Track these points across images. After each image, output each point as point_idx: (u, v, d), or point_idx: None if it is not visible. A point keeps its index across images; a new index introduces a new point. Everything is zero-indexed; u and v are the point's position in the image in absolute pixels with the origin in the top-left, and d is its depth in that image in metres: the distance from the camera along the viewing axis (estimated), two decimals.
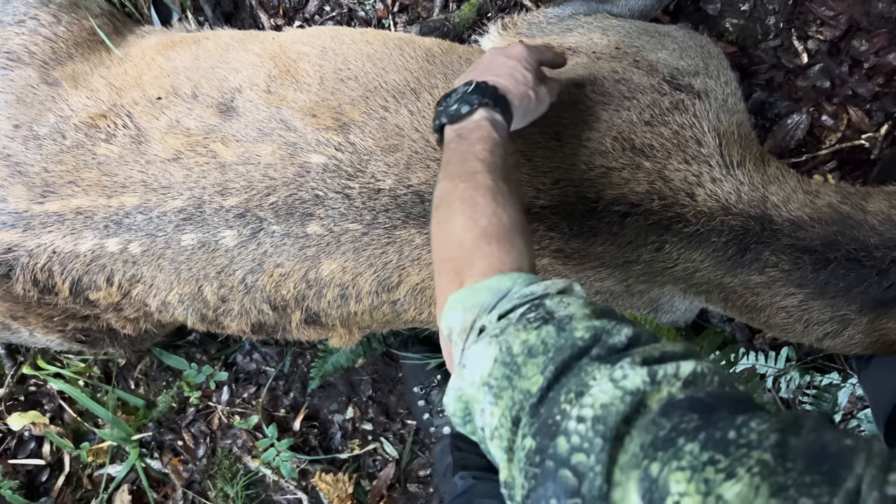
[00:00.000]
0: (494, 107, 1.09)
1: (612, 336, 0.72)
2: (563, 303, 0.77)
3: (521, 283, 0.81)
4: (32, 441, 2.10)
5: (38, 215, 1.39)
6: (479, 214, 0.92)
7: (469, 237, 0.90)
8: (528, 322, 0.75)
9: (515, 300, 0.79)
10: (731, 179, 1.33)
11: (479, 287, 0.83)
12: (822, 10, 1.75)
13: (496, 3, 1.89)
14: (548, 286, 0.80)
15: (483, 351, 0.75)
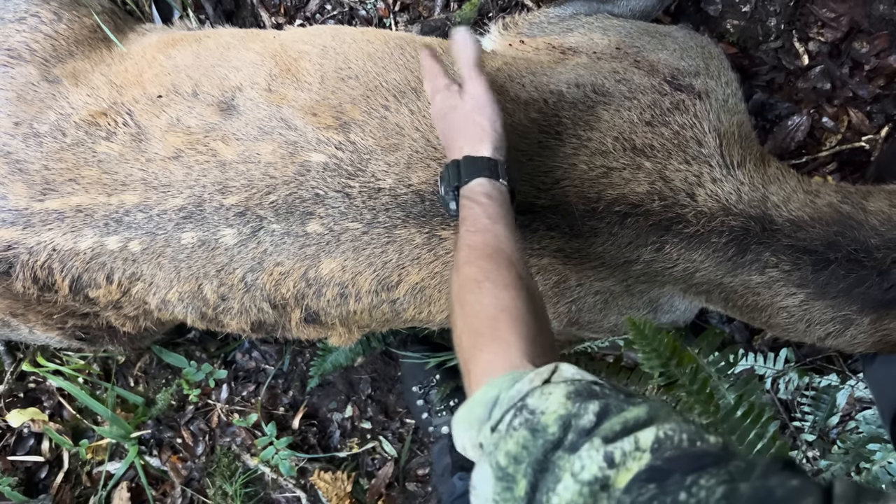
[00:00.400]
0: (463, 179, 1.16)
1: (581, 418, 0.73)
2: (544, 395, 0.78)
3: (506, 386, 0.83)
4: (31, 438, 2.09)
5: (39, 213, 1.39)
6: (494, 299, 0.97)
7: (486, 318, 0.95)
8: (512, 430, 0.77)
9: (504, 406, 0.80)
10: (731, 180, 1.33)
11: (473, 403, 0.86)
12: (824, 12, 1.75)
13: (497, 2, 1.89)
14: (532, 379, 0.81)
15: (482, 473, 0.77)
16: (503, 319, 0.94)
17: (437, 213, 1.31)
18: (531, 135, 1.33)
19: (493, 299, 0.96)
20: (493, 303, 0.96)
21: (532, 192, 1.30)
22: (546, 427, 0.73)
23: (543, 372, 0.82)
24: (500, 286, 0.98)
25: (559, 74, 1.41)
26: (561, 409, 0.74)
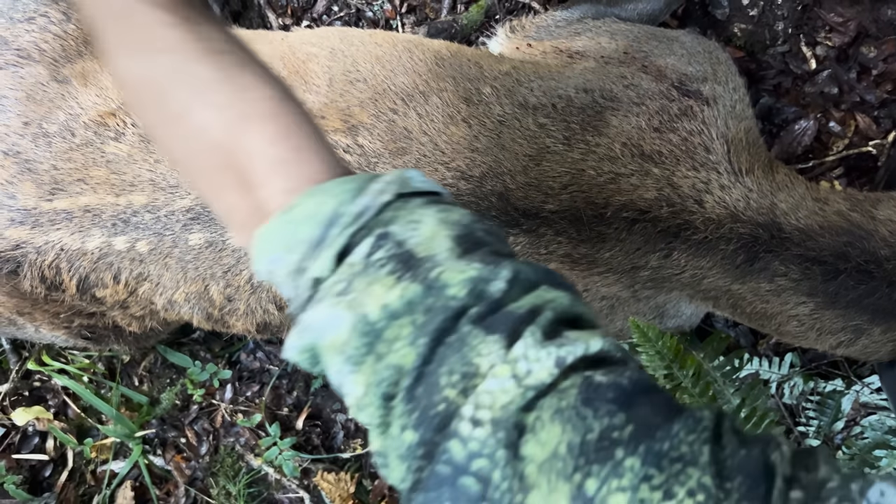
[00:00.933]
0: None
1: (489, 284, 0.59)
2: (410, 224, 0.62)
3: (347, 197, 0.63)
4: (36, 436, 2.10)
5: (47, 212, 1.40)
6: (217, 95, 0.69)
7: (226, 133, 0.67)
8: (377, 269, 0.60)
9: (349, 227, 0.62)
10: (739, 186, 1.33)
11: (293, 217, 0.64)
12: (831, 17, 1.75)
13: (504, 4, 1.89)
14: (380, 192, 0.64)
15: (330, 317, 0.61)
16: (285, 100, 0.70)
17: None
18: (539, 140, 1.33)
19: (252, 74, 0.70)
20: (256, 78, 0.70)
21: (540, 197, 1.30)
22: (446, 288, 0.59)
23: (391, 179, 0.65)
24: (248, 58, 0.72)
25: (567, 79, 1.41)
26: (463, 270, 0.60)
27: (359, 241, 0.62)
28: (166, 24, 0.69)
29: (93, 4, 0.73)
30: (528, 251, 1.31)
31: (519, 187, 1.30)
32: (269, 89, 0.69)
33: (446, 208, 0.65)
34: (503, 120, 1.35)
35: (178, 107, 0.69)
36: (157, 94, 0.71)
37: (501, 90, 1.39)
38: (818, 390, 1.90)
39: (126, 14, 0.70)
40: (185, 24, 0.69)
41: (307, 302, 0.63)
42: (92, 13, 0.73)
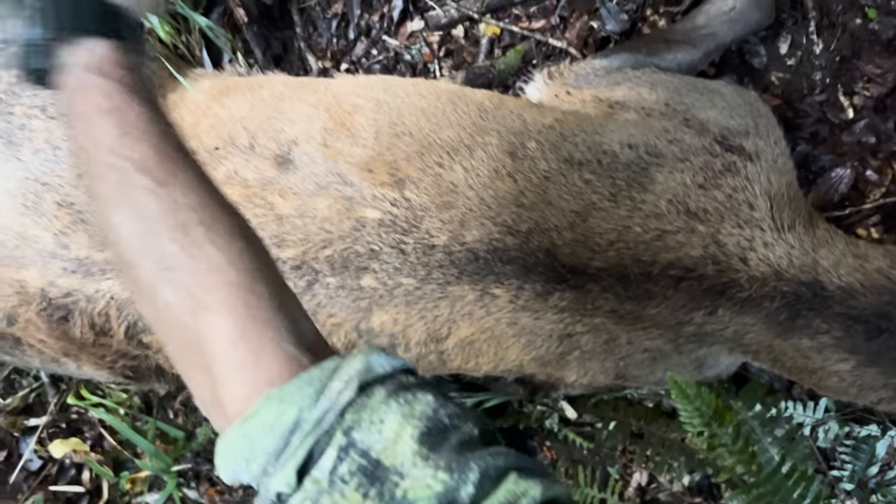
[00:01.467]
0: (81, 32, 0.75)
1: (460, 492, 0.57)
2: (373, 425, 0.60)
3: (307, 402, 0.61)
4: (73, 468, 2.14)
5: (98, 262, 1.42)
6: (181, 277, 0.68)
7: (191, 320, 0.67)
8: (344, 485, 0.58)
9: (311, 436, 0.60)
10: (782, 244, 1.34)
11: (251, 430, 0.62)
12: (869, 68, 1.77)
13: (541, 49, 1.91)
14: (341, 390, 0.61)
15: None
16: (247, 286, 0.67)
17: (491, 271, 1.33)
18: (585, 196, 1.35)
19: (219, 253, 0.68)
20: (221, 258, 0.68)
21: (587, 254, 1.31)
22: (409, 494, 0.57)
23: (353, 374, 0.62)
24: (219, 231, 0.70)
25: (611, 133, 1.43)
26: (428, 477, 0.58)
27: (321, 450, 0.59)
28: (143, 188, 0.70)
29: (81, 146, 0.75)
30: (574, 307, 1.32)
31: (566, 243, 1.32)
32: (231, 271, 0.67)
33: (409, 399, 0.62)
34: (549, 175, 1.37)
35: (148, 280, 0.69)
36: (127, 263, 0.71)
37: (546, 144, 1.41)
38: (853, 435, 1.90)
39: (108, 167, 0.71)
40: (160, 189, 0.69)
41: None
42: (79, 152, 0.75)
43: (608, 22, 1.86)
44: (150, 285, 0.69)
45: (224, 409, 0.65)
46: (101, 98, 0.73)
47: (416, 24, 1.94)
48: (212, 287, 0.67)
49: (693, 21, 1.74)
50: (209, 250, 0.68)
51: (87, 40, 0.75)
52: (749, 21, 1.72)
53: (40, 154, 1.47)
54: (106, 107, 0.72)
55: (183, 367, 0.71)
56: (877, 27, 1.77)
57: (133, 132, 0.71)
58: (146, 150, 0.71)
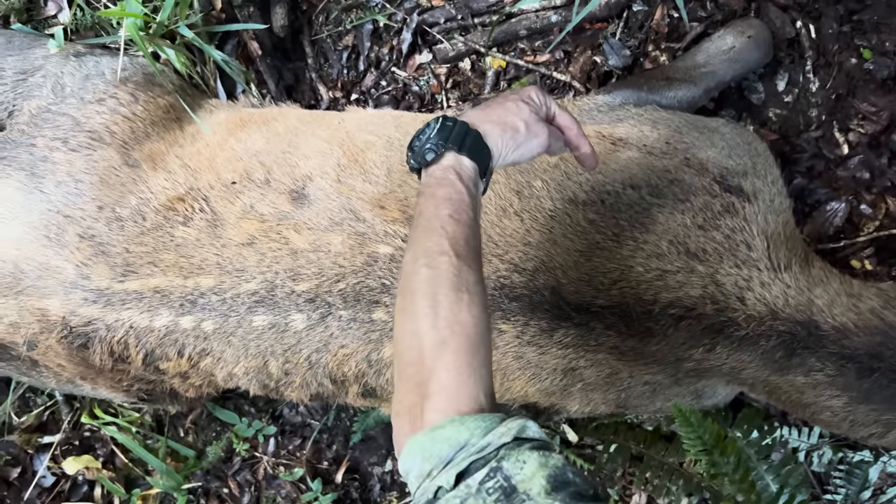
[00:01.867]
0: (460, 150, 1.06)
1: None
2: (518, 463, 0.79)
3: (478, 433, 0.83)
4: (85, 485, 2.17)
5: (118, 293, 1.47)
6: (440, 320, 0.91)
7: (429, 349, 0.90)
8: (487, 495, 0.78)
9: (472, 455, 0.81)
10: (778, 283, 1.39)
11: (437, 436, 0.84)
12: (864, 106, 1.82)
13: (546, 83, 1.97)
14: (502, 435, 0.82)
15: None
16: (476, 344, 0.92)
17: (498, 307, 1.38)
18: (590, 236, 1.40)
19: (471, 316, 0.93)
20: (470, 320, 0.93)
21: (591, 293, 1.36)
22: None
23: (513, 427, 0.83)
24: (477, 304, 0.95)
25: (614, 173, 1.48)
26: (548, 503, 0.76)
27: (477, 467, 0.80)
28: (446, 253, 0.97)
29: (423, 210, 1.03)
30: (578, 343, 1.38)
31: (571, 282, 1.37)
32: (473, 330, 0.92)
33: (546, 455, 0.82)
34: (554, 215, 1.42)
35: (415, 308, 0.94)
36: (410, 291, 0.96)
37: (551, 184, 1.46)
38: (846, 460, 1.95)
39: (433, 230, 0.99)
40: (456, 260, 0.96)
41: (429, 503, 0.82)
42: (419, 212, 1.03)
43: (611, 57, 1.91)
44: (416, 313, 0.94)
45: (419, 417, 0.87)
46: (451, 190, 1.03)
47: (425, 56, 1.99)
48: (456, 333, 0.91)
49: (693, 59, 1.79)
50: (465, 312, 0.93)
51: (462, 156, 1.07)
52: (748, 60, 1.77)
53: (62, 187, 1.51)
54: (452, 197, 1.02)
55: (399, 377, 0.94)
56: (871, 67, 1.82)
57: (459, 219, 1.00)
58: (459, 232, 0.99)
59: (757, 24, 1.80)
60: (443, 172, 1.05)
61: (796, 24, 1.85)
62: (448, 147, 1.06)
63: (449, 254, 0.96)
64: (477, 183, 1.08)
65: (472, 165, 1.07)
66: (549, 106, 1.20)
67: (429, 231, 0.99)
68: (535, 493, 0.77)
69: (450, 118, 1.10)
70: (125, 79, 1.66)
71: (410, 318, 0.95)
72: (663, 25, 1.90)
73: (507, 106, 1.14)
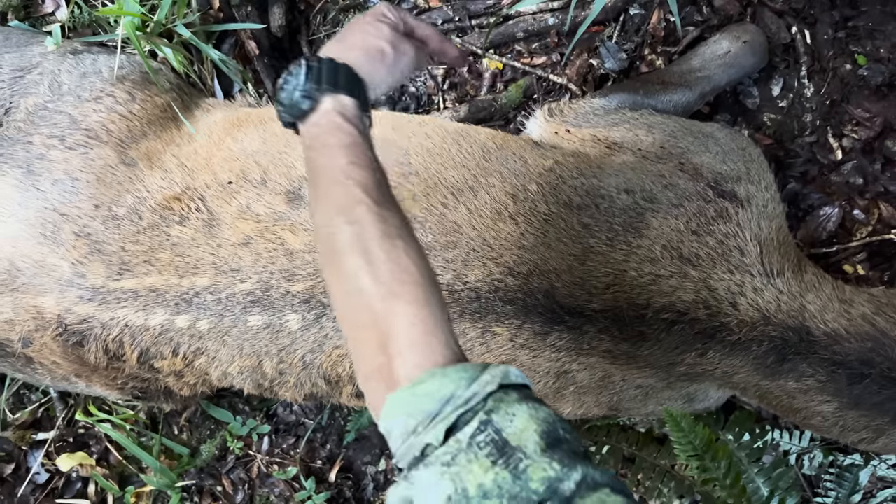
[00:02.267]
0: (336, 89, 0.99)
1: (563, 483, 0.72)
2: (508, 415, 0.76)
3: (462, 384, 0.78)
4: (79, 482, 2.18)
5: (114, 291, 1.47)
6: (382, 273, 0.85)
7: (380, 305, 0.84)
8: (478, 449, 0.73)
9: (460, 408, 0.76)
10: (771, 289, 1.40)
11: (419, 391, 0.79)
12: (858, 112, 1.84)
13: (542, 85, 1.97)
14: (487, 382, 0.78)
15: (435, 483, 0.73)
16: (427, 287, 0.86)
17: (492, 310, 1.39)
18: (584, 240, 1.41)
19: (411, 261, 0.87)
20: (412, 264, 0.87)
21: (584, 296, 1.37)
22: (529, 481, 0.71)
23: (496, 373, 0.79)
24: (413, 247, 0.89)
25: (608, 177, 1.49)
26: (544, 468, 0.72)
27: (466, 421, 0.76)
28: (362, 202, 0.89)
29: (320, 164, 0.96)
30: (571, 346, 1.38)
31: (564, 286, 1.37)
32: (420, 277, 0.86)
33: (536, 406, 0.78)
34: (549, 219, 1.43)
35: (349, 268, 0.87)
36: (336, 252, 0.89)
37: (546, 187, 1.47)
38: (837, 463, 1.96)
39: (339, 182, 0.91)
40: (376, 207, 0.89)
41: (416, 461, 0.77)
42: (316, 168, 0.96)
43: (607, 60, 1.92)
44: (352, 273, 0.87)
45: (391, 375, 0.81)
46: (342, 135, 0.96)
47: None
48: (404, 282, 0.85)
49: (689, 63, 1.80)
50: (405, 258, 0.87)
51: (340, 95, 0.99)
52: (743, 65, 1.78)
53: (59, 185, 1.51)
54: (345, 142, 0.95)
55: (355, 342, 0.88)
56: (866, 73, 1.83)
57: (360, 163, 0.94)
58: (368, 178, 0.92)
59: (752, 29, 1.81)
60: (325, 119, 0.98)
61: (791, 30, 1.87)
62: (322, 90, 0.98)
63: (365, 202, 0.89)
64: (363, 119, 1.01)
65: (353, 102, 1.00)
66: (405, 20, 1.14)
67: (334, 184, 0.92)
68: (532, 451, 0.73)
69: (312, 58, 1.02)
70: (122, 77, 1.66)
71: (346, 280, 0.87)
72: (660, 29, 1.91)
73: (366, 29, 1.08)
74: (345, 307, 0.90)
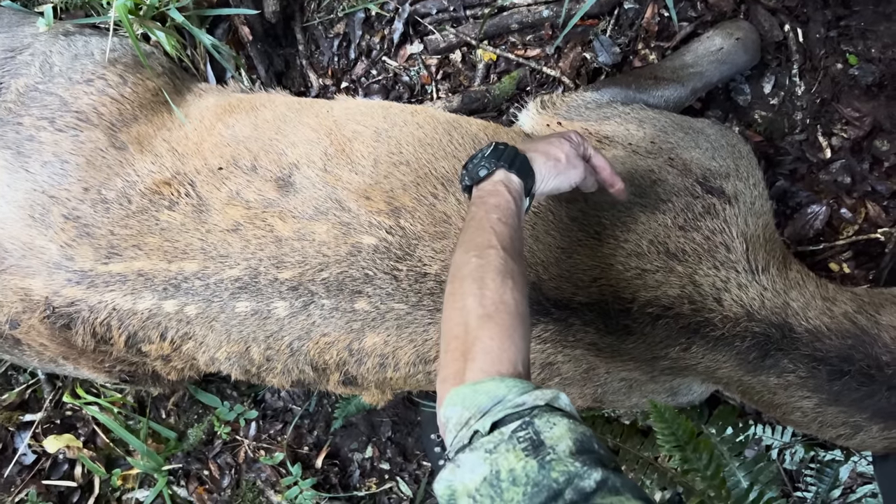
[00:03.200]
0: (510, 168, 1.21)
1: (584, 480, 0.82)
2: (549, 423, 0.88)
3: (515, 391, 0.92)
4: (66, 463, 2.18)
5: (102, 275, 1.47)
6: (486, 299, 1.03)
7: (475, 322, 1.01)
8: (517, 442, 0.86)
9: (509, 409, 0.90)
10: (755, 285, 1.41)
11: (479, 389, 0.93)
12: (848, 111, 1.84)
13: (535, 77, 1.97)
14: (536, 397, 0.91)
15: (476, 464, 0.87)
16: (518, 321, 1.03)
17: None
18: (572, 233, 1.41)
19: (513, 299, 1.04)
20: (513, 301, 1.04)
21: (570, 289, 1.38)
22: (552, 471, 0.82)
23: (548, 394, 0.93)
24: (520, 290, 1.07)
25: None
26: (567, 463, 0.83)
27: (511, 420, 0.89)
28: (494, 247, 1.09)
29: (475, 214, 1.16)
30: (556, 338, 1.39)
31: (551, 278, 1.38)
32: (515, 311, 1.03)
33: (576, 423, 0.90)
34: (537, 211, 1.44)
35: (464, 290, 1.05)
36: (460, 277, 1.08)
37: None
38: (818, 459, 1.99)
39: (483, 229, 1.12)
40: (503, 252, 1.09)
41: (464, 447, 0.91)
42: (472, 216, 1.16)
43: (601, 54, 1.92)
44: (464, 293, 1.05)
45: (462, 377, 0.96)
46: (500, 199, 1.17)
47: (416, 47, 1.99)
48: (500, 311, 1.02)
49: (682, 59, 1.81)
50: (509, 294, 1.04)
51: (511, 173, 1.21)
52: (736, 62, 1.79)
53: (48, 167, 1.51)
54: (500, 204, 1.16)
55: (445, 350, 1.03)
56: (856, 73, 1.84)
57: (505, 221, 1.14)
58: (507, 233, 1.12)
59: (746, 26, 1.81)
60: (493, 186, 1.19)
61: (784, 28, 1.87)
62: (500, 165, 1.21)
63: (496, 247, 1.09)
64: (522, 197, 1.21)
65: (519, 182, 1.21)
66: (585, 147, 1.35)
67: (479, 230, 1.12)
68: (561, 451, 0.84)
69: (502, 143, 1.25)
70: (114, 60, 1.66)
71: (458, 298, 1.05)
72: (653, 24, 1.91)
73: (551, 140, 1.30)
74: (449, 321, 1.06)
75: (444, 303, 1.10)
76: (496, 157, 1.22)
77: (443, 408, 0.96)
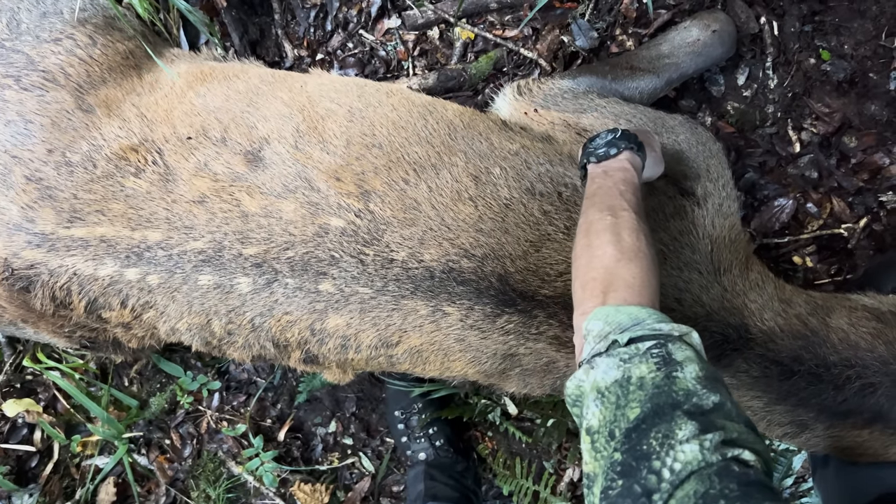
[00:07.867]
0: (637, 151, 1.36)
1: (703, 400, 0.90)
2: (681, 349, 0.97)
3: (654, 318, 1.02)
4: (25, 428, 2.17)
5: (63, 238, 1.45)
6: (625, 246, 1.13)
7: (615, 264, 1.11)
8: (650, 357, 0.96)
9: (647, 330, 1.00)
10: (716, 286, 1.43)
11: (622, 310, 1.04)
12: (819, 106, 1.86)
13: (513, 59, 1.96)
14: (673, 328, 1.00)
15: (610, 368, 0.97)
16: (654, 269, 1.14)
17: (445, 290, 1.39)
18: (542, 227, 1.41)
19: (649, 251, 1.15)
20: (649, 252, 1.15)
21: (537, 282, 1.38)
22: (675, 383, 0.92)
23: (683, 328, 1.02)
24: (653, 247, 1.18)
25: (574, 167, 1.49)
26: (693, 382, 0.92)
27: (646, 338, 0.99)
28: (627, 209, 1.20)
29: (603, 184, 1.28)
30: (519, 330, 1.40)
31: (518, 271, 1.38)
32: (651, 260, 1.14)
33: (704, 359, 0.99)
34: (509, 204, 1.43)
35: (600, 241, 1.16)
36: (593, 232, 1.18)
37: (510, 172, 1.46)
38: (772, 448, 2.03)
39: (614, 195, 1.24)
40: (635, 214, 1.19)
41: (601, 353, 1.00)
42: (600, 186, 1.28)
43: (578, 38, 1.91)
44: (602, 243, 1.15)
45: (605, 302, 1.07)
46: (627, 174, 1.30)
47: (393, 21, 1.97)
48: (638, 256, 1.12)
49: (658, 49, 1.80)
50: (644, 246, 1.14)
51: (635, 154, 1.35)
52: (712, 54, 1.79)
53: (11, 126, 1.48)
54: (627, 178, 1.29)
55: (583, 288, 1.13)
56: (829, 68, 1.85)
57: (632, 191, 1.26)
58: (635, 200, 1.24)
59: (723, 18, 1.81)
60: (620, 163, 1.32)
61: (760, 20, 1.87)
62: (629, 146, 1.35)
63: (629, 210, 1.20)
64: (641, 176, 1.35)
65: (640, 163, 1.36)
66: None
67: (609, 195, 1.24)
68: (688, 372, 0.93)
69: (625, 129, 1.38)
70: (84, 20, 1.62)
71: (597, 247, 1.15)
72: (631, 10, 1.90)
73: (652, 136, 1.49)
74: (585, 266, 1.15)
75: (575, 255, 1.19)
76: (625, 139, 1.35)
77: (586, 322, 1.05)
